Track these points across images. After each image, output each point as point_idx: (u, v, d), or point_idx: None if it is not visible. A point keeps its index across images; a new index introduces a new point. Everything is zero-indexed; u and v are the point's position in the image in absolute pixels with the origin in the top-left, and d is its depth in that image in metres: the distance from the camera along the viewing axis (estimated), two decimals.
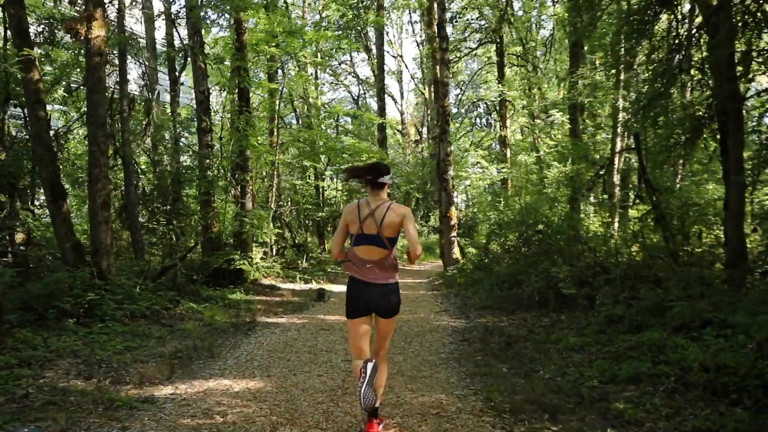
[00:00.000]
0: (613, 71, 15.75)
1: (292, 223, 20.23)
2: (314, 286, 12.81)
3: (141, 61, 12.32)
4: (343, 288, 12.95)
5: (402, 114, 44.15)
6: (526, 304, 9.15)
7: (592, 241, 10.02)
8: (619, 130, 15.21)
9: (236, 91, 11.32)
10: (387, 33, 35.94)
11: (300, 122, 21.19)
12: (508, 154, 18.27)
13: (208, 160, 11.21)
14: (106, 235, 8.20)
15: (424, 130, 41.18)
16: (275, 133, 17.49)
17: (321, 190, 20.05)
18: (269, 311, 9.11)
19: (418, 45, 37.11)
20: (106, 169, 8.34)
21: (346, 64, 38.23)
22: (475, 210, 18.37)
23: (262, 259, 13.04)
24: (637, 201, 8.71)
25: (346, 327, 6.94)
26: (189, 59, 11.79)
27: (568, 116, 12.66)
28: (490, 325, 8.07)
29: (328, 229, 20.50)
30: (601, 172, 9.00)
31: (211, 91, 11.48)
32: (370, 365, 3.34)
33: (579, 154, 11.58)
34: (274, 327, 7.79)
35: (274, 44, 12.76)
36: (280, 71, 17.91)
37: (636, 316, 6.41)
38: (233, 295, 10.39)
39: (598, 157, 12.16)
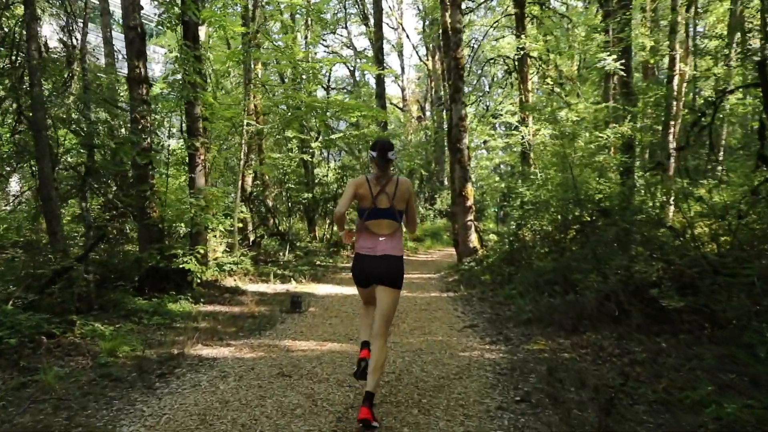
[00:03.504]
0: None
1: (279, 207, 17.26)
2: (293, 286, 9.87)
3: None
4: (330, 290, 10.02)
5: (403, 90, 41.24)
6: (590, 316, 6.23)
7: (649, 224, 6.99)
8: (675, 84, 12.18)
9: (179, 25, 8.33)
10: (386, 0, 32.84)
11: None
12: (531, 121, 15.20)
13: (143, 120, 8.21)
14: None
15: (428, 105, 38.19)
16: (250, 96, 14.46)
17: (310, 167, 17.00)
18: (213, 333, 6.17)
19: (419, 11, 33.95)
20: None
21: (343, 36, 35.18)
22: (503, 185, 15.32)
23: (225, 252, 10.10)
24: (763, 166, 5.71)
25: (319, 369, 4.12)
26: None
27: (621, 63, 9.61)
28: (549, 356, 5.16)
29: (320, 213, 17.50)
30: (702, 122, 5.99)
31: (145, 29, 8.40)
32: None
33: (648, 104, 8.53)
34: (206, 368, 4.85)
35: None
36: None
37: None
38: (175, 304, 7.47)
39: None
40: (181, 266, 7.61)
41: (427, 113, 38.46)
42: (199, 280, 7.73)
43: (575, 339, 5.74)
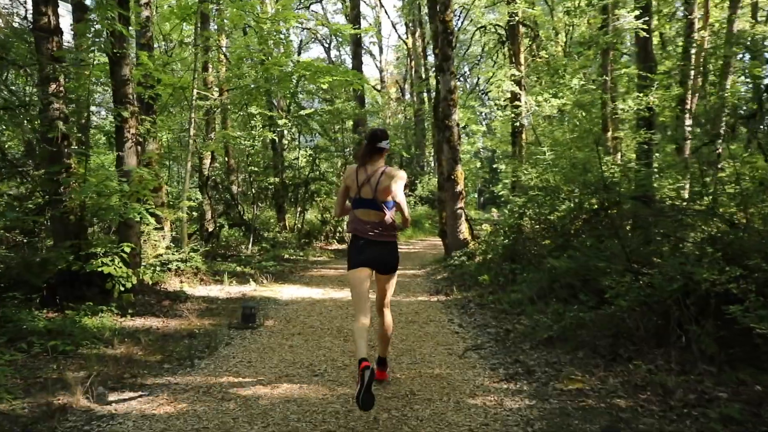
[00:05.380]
0: None
1: (248, 193, 15.47)
2: (251, 289, 8.19)
3: None
4: (296, 293, 8.25)
5: (381, 72, 39.54)
6: (631, 335, 4.71)
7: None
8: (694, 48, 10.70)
9: None
10: None
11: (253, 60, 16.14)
12: (524, 98, 13.65)
13: (54, 85, 6.42)
14: None
15: (407, 87, 36.45)
16: (209, 68, 12.66)
17: (279, 149, 15.21)
18: (126, 366, 4.49)
19: None
20: None
21: (318, 13, 33.18)
22: (503, 166, 13.77)
23: (169, 248, 8.37)
24: None
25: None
26: None
27: (642, 21, 8.09)
28: (595, 403, 3.63)
29: (290, 200, 15.74)
30: None
31: None
32: (367, 373, 3.04)
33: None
34: None
35: None
36: None
37: None
38: (92, 319, 5.76)
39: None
40: (99, 269, 5.88)
41: (407, 96, 36.78)
42: (123, 288, 6.01)
43: (620, 371, 4.22)
